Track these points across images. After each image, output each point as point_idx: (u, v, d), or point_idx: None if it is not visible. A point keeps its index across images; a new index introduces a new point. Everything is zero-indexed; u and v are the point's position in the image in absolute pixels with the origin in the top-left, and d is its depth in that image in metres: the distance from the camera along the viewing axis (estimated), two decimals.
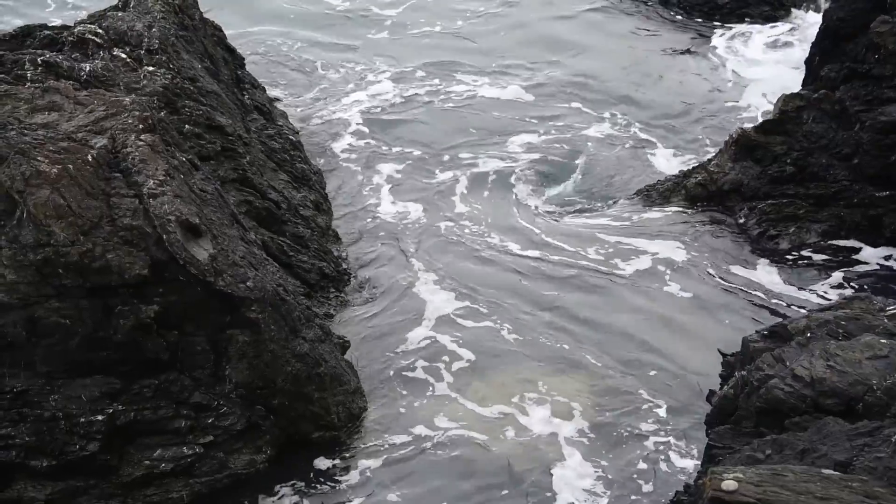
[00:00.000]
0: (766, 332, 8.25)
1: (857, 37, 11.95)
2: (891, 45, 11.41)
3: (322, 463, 8.79)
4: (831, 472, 6.08)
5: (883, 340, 7.38)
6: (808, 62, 13.02)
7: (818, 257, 11.62)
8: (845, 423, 6.82)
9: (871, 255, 11.62)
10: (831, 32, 12.37)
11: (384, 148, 14.15)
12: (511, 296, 11.06)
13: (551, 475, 8.74)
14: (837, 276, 11.37)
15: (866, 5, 12.01)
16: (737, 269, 11.53)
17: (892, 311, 7.94)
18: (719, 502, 5.58)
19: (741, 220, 12.07)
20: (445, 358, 10.09)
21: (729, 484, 5.62)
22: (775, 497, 5.54)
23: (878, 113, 11.52)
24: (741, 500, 5.54)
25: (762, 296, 11.08)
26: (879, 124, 11.48)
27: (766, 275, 11.43)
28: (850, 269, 11.47)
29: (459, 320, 10.63)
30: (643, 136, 14.67)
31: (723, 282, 11.33)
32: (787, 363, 7.52)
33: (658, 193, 12.81)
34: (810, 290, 11.18)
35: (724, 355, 8.88)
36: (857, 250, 11.66)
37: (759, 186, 12.11)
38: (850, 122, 11.71)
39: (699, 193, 12.44)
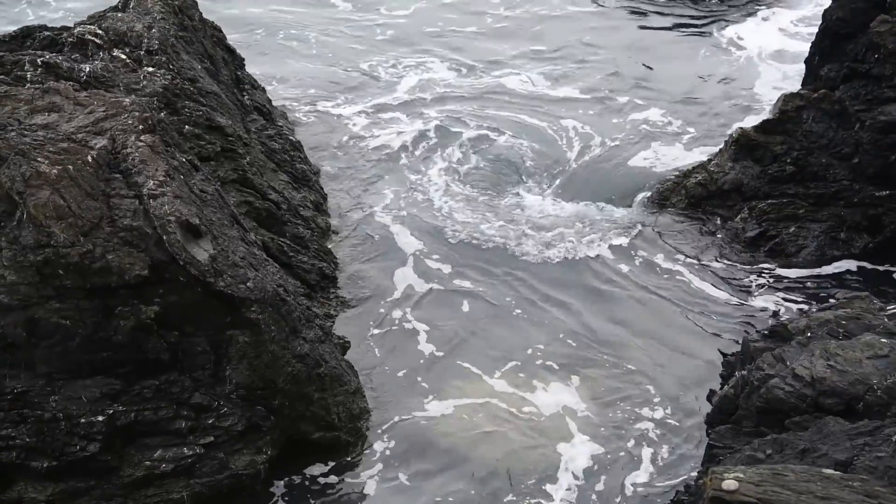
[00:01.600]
0: (766, 332, 8.26)
1: (856, 36, 11.96)
2: (890, 45, 11.40)
3: (323, 463, 8.80)
4: (832, 471, 6.08)
5: (883, 340, 7.38)
6: (807, 62, 13.02)
7: (814, 259, 11.63)
8: (846, 423, 6.82)
9: (863, 261, 11.64)
10: (831, 32, 12.38)
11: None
12: (509, 293, 11.07)
13: (550, 475, 8.75)
14: (833, 279, 11.39)
15: (866, 5, 12.01)
16: (735, 271, 11.54)
17: (893, 311, 7.94)
18: (720, 502, 5.58)
19: (741, 221, 12.07)
20: (445, 355, 10.12)
21: (729, 483, 5.62)
22: (776, 497, 5.54)
23: (878, 112, 11.53)
24: (742, 500, 5.54)
25: (760, 297, 11.08)
26: (879, 124, 11.49)
27: (761, 277, 11.43)
28: (843, 273, 11.49)
29: (458, 318, 10.66)
30: (662, 124, 14.72)
31: (722, 283, 11.33)
32: (788, 363, 7.52)
33: (658, 193, 12.81)
34: (807, 292, 11.19)
35: (724, 355, 8.88)
36: (850, 255, 11.68)
37: (758, 186, 12.10)
38: (849, 121, 11.71)
39: (699, 193, 12.43)
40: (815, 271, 11.49)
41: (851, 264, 11.58)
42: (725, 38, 17.80)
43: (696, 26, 18.41)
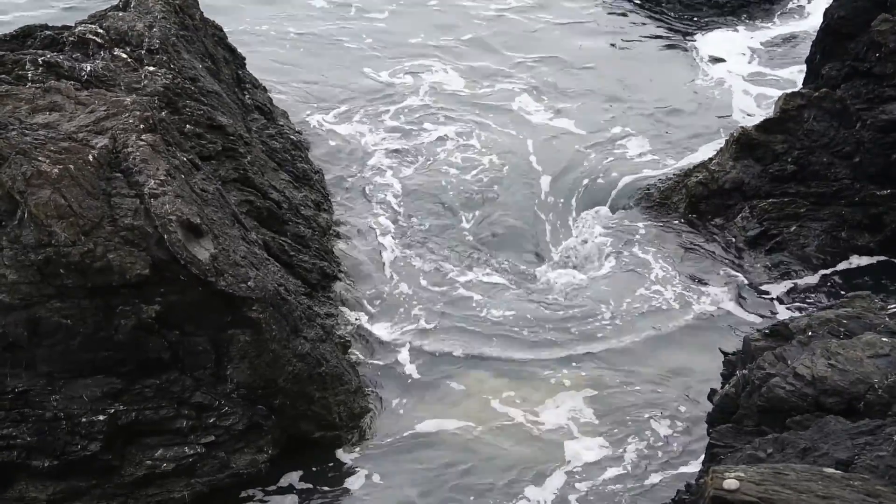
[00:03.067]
0: (767, 331, 8.24)
1: (858, 35, 11.94)
2: (892, 44, 11.40)
3: (323, 462, 8.80)
4: (833, 470, 6.08)
5: (884, 339, 7.37)
6: (808, 60, 13.00)
7: (815, 257, 11.62)
8: (847, 422, 6.81)
9: (864, 260, 11.62)
10: (832, 31, 12.36)
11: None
12: (508, 297, 11.07)
13: (550, 473, 8.76)
14: (834, 278, 11.38)
15: (867, 3, 11.99)
16: (735, 270, 11.53)
17: (894, 310, 7.93)
18: (721, 501, 5.57)
19: (741, 220, 12.06)
20: (446, 356, 10.12)
21: (730, 483, 5.61)
22: (777, 496, 5.54)
23: (880, 111, 11.52)
24: (743, 499, 5.54)
25: (760, 296, 11.08)
26: (881, 123, 11.48)
27: (763, 276, 11.42)
28: (844, 272, 11.47)
29: (459, 319, 10.66)
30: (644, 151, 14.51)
31: (722, 282, 11.33)
32: (789, 362, 7.52)
33: (658, 192, 12.79)
34: (808, 291, 11.19)
35: (725, 354, 8.86)
36: (851, 254, 11.66)
37: (760, 185, 12.09)
38: (851, 120, 11.70)
39: (700, 192, 12.41)
40: (816, 270, 11.48)
41: (852, 263, 11.57)
42: (706, 55, 17.36)
43: (674, 41, 17.97)
